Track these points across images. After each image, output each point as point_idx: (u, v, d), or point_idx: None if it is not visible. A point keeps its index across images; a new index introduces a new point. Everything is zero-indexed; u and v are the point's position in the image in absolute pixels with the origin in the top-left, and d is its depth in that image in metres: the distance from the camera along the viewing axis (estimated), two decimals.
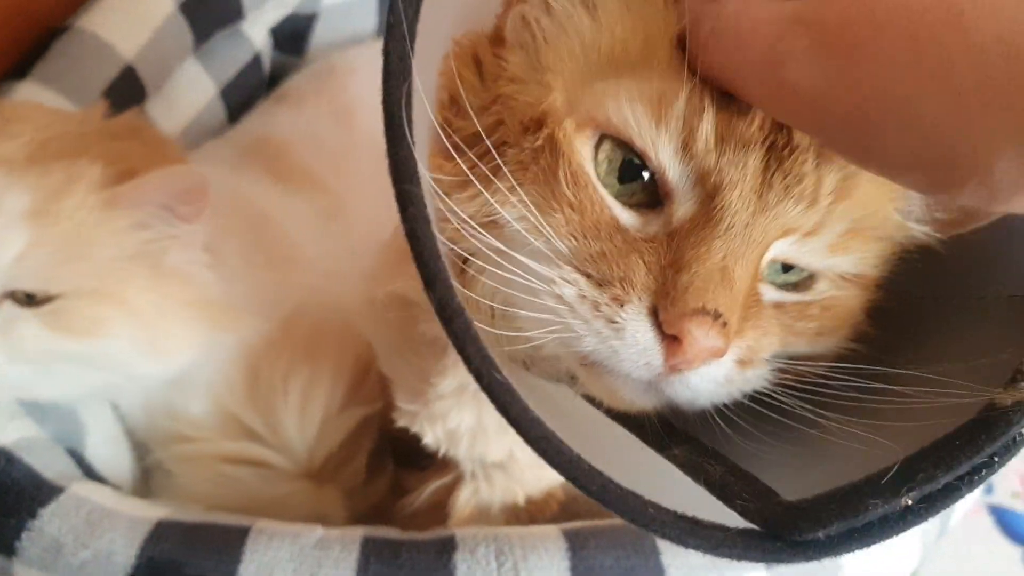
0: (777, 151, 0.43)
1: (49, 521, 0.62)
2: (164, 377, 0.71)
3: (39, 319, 0.63)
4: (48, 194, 0.64)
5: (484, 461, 0.67)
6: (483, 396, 0.59)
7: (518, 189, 0.44)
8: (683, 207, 0.44)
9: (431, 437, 0.65)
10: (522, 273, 0.43)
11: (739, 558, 0.41)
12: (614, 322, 0.42)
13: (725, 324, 0.41)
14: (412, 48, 0.40)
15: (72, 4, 0.85)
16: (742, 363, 0.44)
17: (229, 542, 0.63)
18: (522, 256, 0.44)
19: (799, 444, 0.46)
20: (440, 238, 0.41)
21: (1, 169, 0.64)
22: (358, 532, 0.65)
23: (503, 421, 0.62)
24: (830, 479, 0.43)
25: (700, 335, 0.41)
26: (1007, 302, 0.46)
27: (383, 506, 0.81)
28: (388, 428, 0.81)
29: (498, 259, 0.44)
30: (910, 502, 0.41)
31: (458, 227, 0.44)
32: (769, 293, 0.46)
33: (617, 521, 0.66)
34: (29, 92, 0.79)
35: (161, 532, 0.63)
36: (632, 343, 0.42)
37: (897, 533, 0.41)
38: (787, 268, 0.46)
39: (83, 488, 0.66)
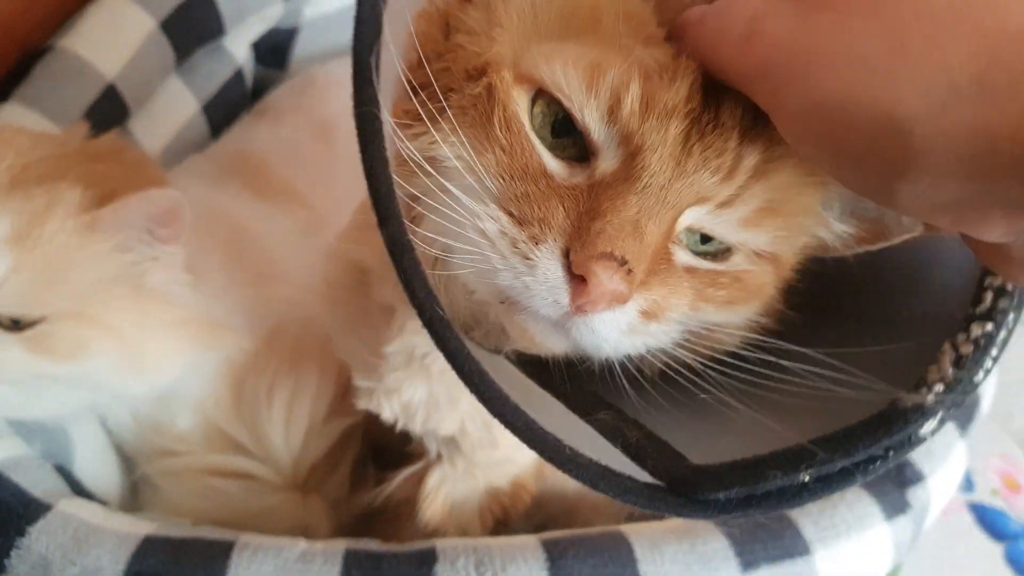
0: (701, 125, 0.46)
1: (37, 539, 0.64)
2: (149, 395, 0.72)
3: (22, 343, 0.64)
4: (29, 218, 0.64)
5: (438, 435, 0.69)
6: (431, 367, 0.61)
7: (458, 130, 0.47)
8: (606, 163, 0.47)
9: (388, 412, 0.67)
10: (455, 207, 0.46)
11: (643, 507, 0.46)
12: (528, 259, 0.45)
13: (630, 271, 0.44)
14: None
15: (53, 25, 0.86)
16: (646, 315, 0.47)
17: (214, 557, 0.64)
18: (456, 190, 0.47)
19: (710, 417, 0.49)
20: (397, 180, 0.44)
21: None
22: (340, 545, 0.67)
23: (452, 393, 0.64)
24: (738, 451, 0.47)
25: (604, 277, 0.43)
26: (921, 318, 0.51)
27: (366, 515, 0.83)
28: (372, 437, 0.83)
29: (439, 195, 0.47)
30: (807, 479, 0.46)
31: (407, 162, 0.47)
32: (683, 256, 0.49)
33: (595, 530, 0.68)
34: (11, 114, 0.79)
35: (148, 548, 0.64)
36: (543, 280, 0.45)
37: (791, 506, 0.47)
38: (706, 240, 0.49)
39: (71, 505, 0.67)
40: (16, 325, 0.65)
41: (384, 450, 0.81)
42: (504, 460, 0.71)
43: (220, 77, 1.00)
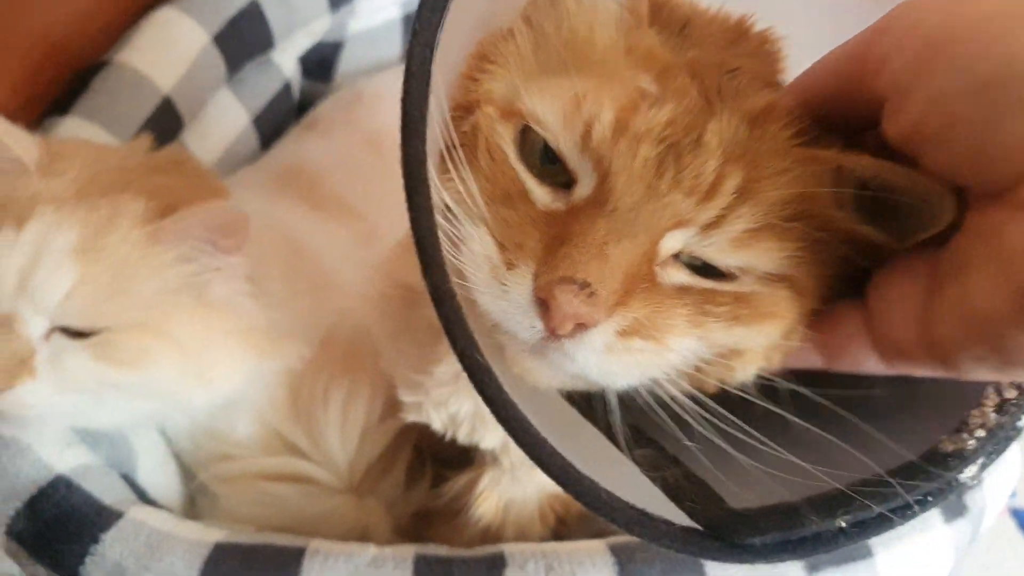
0: (677, 149, 0.46)
1: (111, 546, 0.64)
2: (211, 405, 0.73)
3: (87, 351, 0.65)
4: (94, 230, 0.65)
5: (481, 447, 0.69)
6: None
7: (461, 162, 0.49)
8: (582, 188, 0.48)
9: (438, 422, 0.68)
10: (459, 229, 0.48)
11: (678, 551, 0.46)
12: (503, 284, 0.46)
13: (592, 294, 0.44)
14: (433, 54, 0.46)
15: (107, 41, 0.87)
16: (626, 334, 0.46)
17: (286, 563, 0.65)
18: (460, 215, 0.49)
19: (752, 457, 0.49)
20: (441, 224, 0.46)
21: (50, 206, 0.66)
22: (409, 550, 0.67)
23: None
24: (775, 494, 0.47)
25: (564, 300, 0.44)
26: None
27: (421, 514, 0.83)
28: (427, 436, 0.83)
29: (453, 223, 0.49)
30: (844, 525, 0.46)
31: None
32: (675, 276, 0.48)
33: None
34: (72, 127, 0.81)
35: (220, 554, 0.65)
36: (516, 305, 0.46)
37: (827, 550, 0.46)
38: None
39: (140, 512, 0.68)
40: (81, 333, 0.65)
41: (440, 447, 0.82)
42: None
43: (269, 90, 1.01)
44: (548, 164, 0.49)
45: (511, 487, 0.73)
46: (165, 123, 0.86)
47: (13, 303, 0.64)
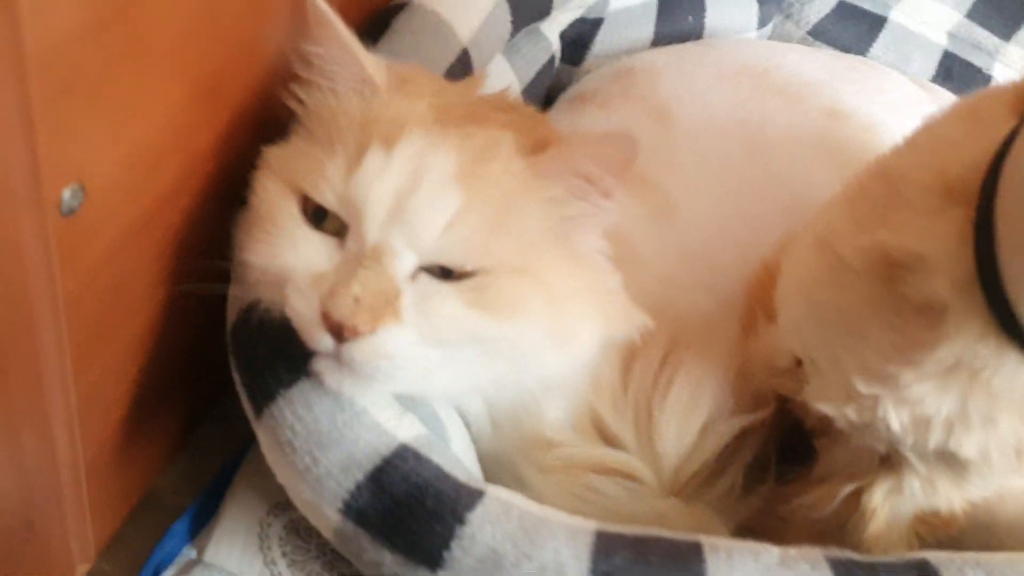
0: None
1: (481, 527, 0.54)
2: (560, 372, 0.63)
3: (459, 296, 0.56)
4: (473, 156, 0.57)
5: (933, 452, 0.58)
6: (988, 380, 0.51)
7: None
8: None
9: (897, 424, 0.56)
10: None
11: None
12: None
13: None
14: None
15: None
16: None
17: (688, 558, 0.54)
18: None
19: None
20: None
21: (418, 128, 0.57)
22: (817, 552, 0.56)
23: (992, 413, 0.54)
24: None
25: None
26: None
27: (752, 524, 0.71)
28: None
29: None
30: None
31: None
32: None
33: None
34: None
35: (606, 544, 0.55)
36: None
37: None
38: None
39: (500, 491, 0.57)
40: (446, 274, 0.56)
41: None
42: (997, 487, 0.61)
43: (538, 62, 0.94)
44: None
45: (908, 502, 0.63)
46: (461, 75, 0.78)
47: (384, 231, 0.55)
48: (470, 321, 0.56)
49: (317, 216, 0.58)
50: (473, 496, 0.55)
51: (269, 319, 0.60)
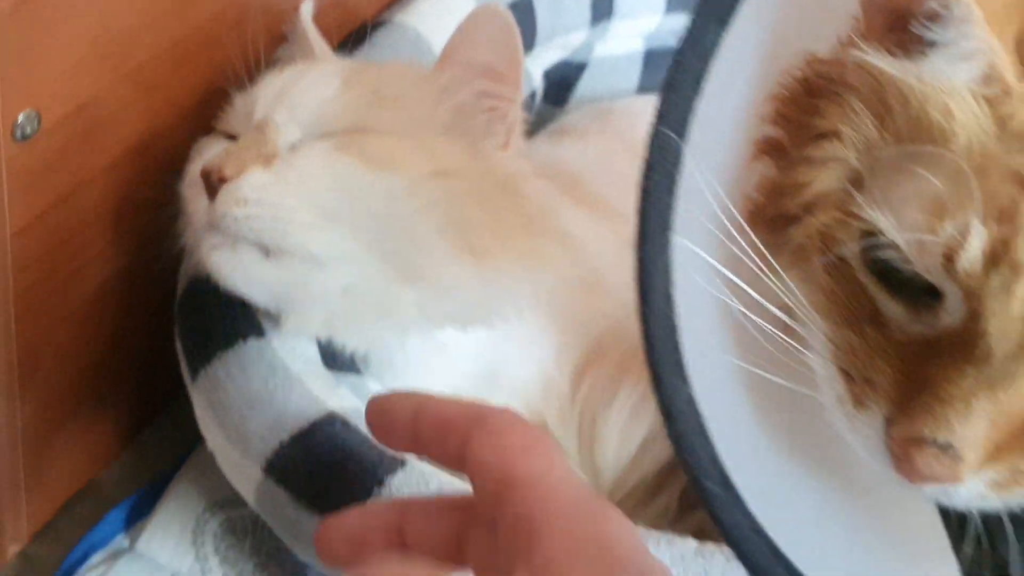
0: None
1: (399, 490, 0.55)
2: (471, 302, 0.62)
3: (332, 142, 0.58)
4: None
5: None
6: None
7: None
8: (948, 315, 0.40)
9: None
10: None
11: None
12: (849, 420, 0.43)
13: (955, 457, 0.39)
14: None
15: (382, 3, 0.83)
16: (1000, 485, 0.40)
17: None
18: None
19: None
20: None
21: None
22: None
23: None
24: None
25: (922, 464, 0.40)
26: None
27: None
28: None
29: None
30: None
31: None
32: None
33: None
34: None
35: None
36: (863, 442, 0.43)
37: None
38: None
39: (422, 464, 0.57)
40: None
41: None
42: None
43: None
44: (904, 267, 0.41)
45: None
46: None
47: (269, 109, 0.59)
48: (339, 165, 0.56)
49: None
50: (395, 463, 0.55)
51: (213, 289, 0.60)
